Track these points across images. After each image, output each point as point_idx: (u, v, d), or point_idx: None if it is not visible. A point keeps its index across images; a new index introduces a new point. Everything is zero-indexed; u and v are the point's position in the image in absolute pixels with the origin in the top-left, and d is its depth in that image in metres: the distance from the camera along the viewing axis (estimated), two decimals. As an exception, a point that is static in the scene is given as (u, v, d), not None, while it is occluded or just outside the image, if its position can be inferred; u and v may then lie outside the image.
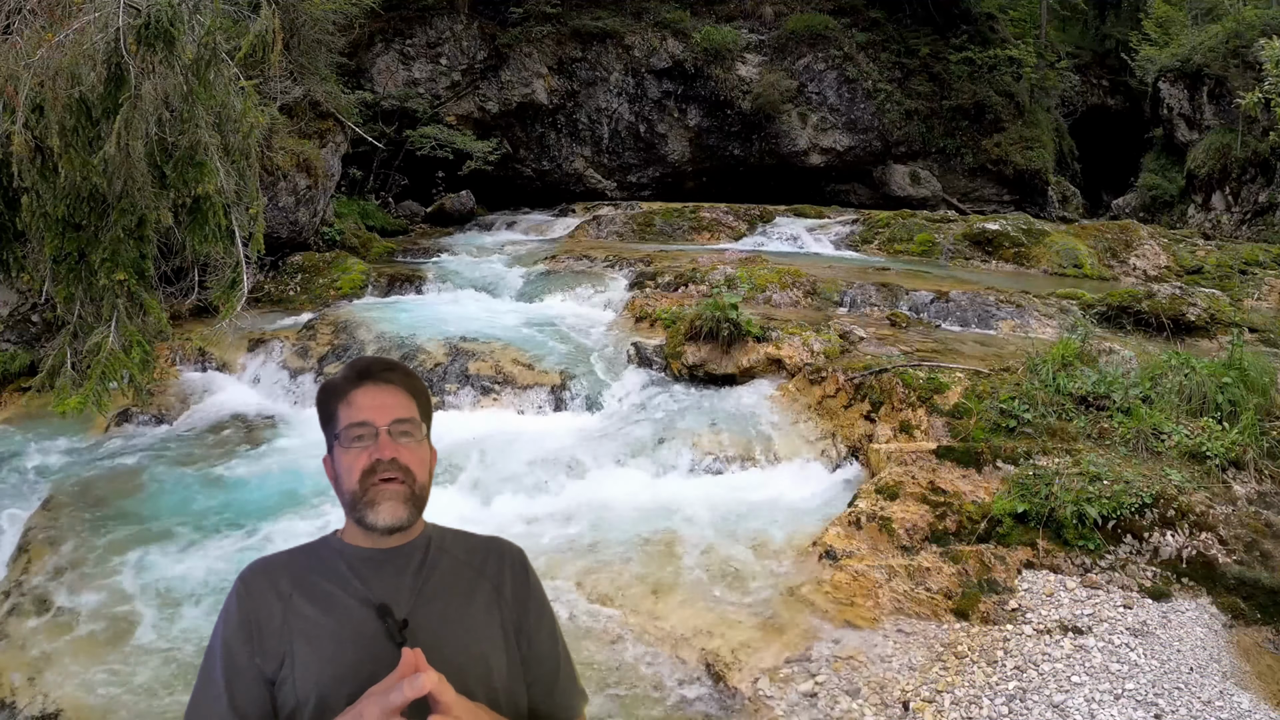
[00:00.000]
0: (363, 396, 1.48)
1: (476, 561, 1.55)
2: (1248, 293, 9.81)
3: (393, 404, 1.48)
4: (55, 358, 5.61)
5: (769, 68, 18.28)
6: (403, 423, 1.47)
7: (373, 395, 1.48)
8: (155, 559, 4.74)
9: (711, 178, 18.82)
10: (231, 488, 5.71)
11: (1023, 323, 8.07)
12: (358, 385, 1.49)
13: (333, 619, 1.39)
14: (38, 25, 5.17)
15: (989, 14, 20.11)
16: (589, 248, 11.97)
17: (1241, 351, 5.56)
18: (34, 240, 5.55)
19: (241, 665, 1.37)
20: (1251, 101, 11.90)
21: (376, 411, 1.46)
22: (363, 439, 1.45)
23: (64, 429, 6.45)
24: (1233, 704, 3.44)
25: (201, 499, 5.53)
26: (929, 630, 3.97)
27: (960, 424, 5.51)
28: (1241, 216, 16.07)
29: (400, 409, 1.48)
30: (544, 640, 1.55)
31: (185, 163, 5.27)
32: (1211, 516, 4.41)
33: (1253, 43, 14.12)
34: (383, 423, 1.45)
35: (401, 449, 1.45)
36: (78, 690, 3.70)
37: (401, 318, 8.54)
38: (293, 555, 1.51)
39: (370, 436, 1.45)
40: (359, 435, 1.45)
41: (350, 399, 1.48)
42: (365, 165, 14.83)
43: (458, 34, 17.19)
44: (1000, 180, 18.72)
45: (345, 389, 1.50)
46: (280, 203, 10.18)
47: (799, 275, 9.17)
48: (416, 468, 1.46)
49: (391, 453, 1.44)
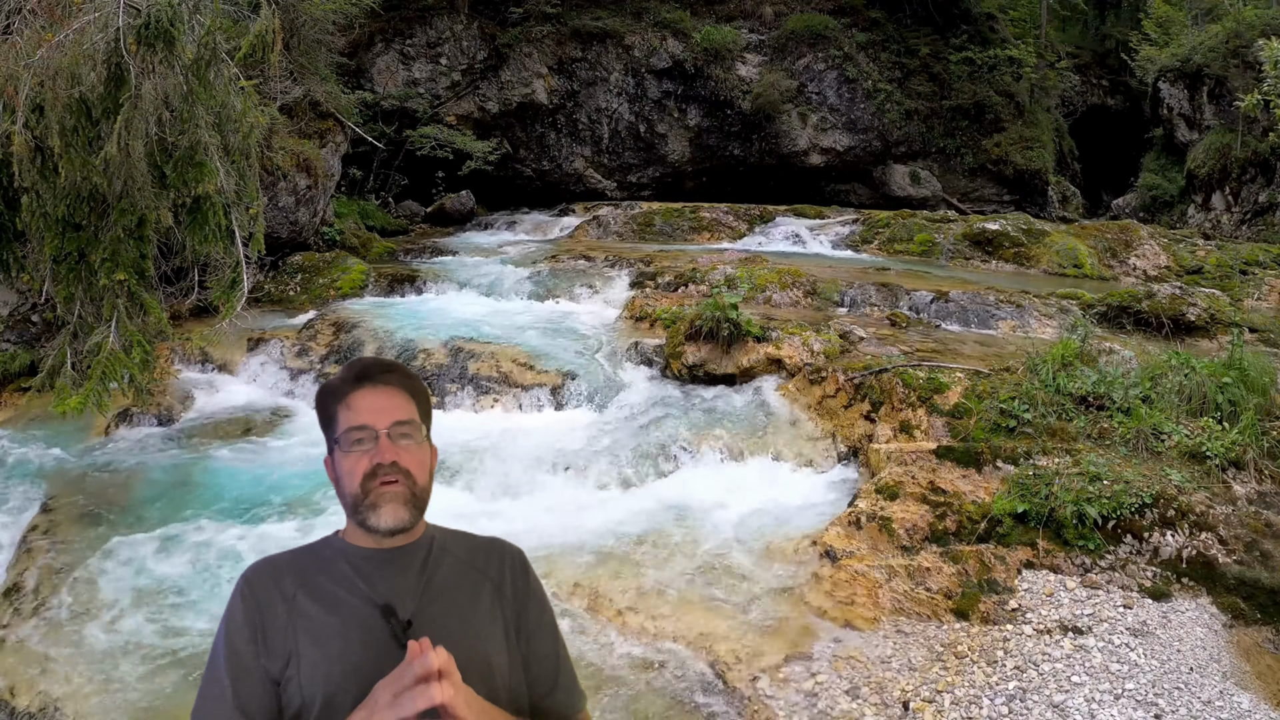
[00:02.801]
0: (361, 399, 1.48)
1: (478, 562, 1.56)
2: (1248, 293, 9.81)
3: (392, 406, 1.48)
4: (55, 358, 5.62)
5: (769, 68, 18.28)
6: (402, 425, 1.47)
7: (372, 398, 1.48)
8: (155, 559, 4.74)
9: (711, 178, 18.82)
10: (232, 487, 5.71)
11: (1023, 323, 8.07)
12: (356, 388, 1.50)
13: (337, 618, 1.40)
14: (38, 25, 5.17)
15: (989, 14, 20.10)
16: (589, 248, 11.97)
17: (1241, 351, 5.56)
18: (34, 240, 5.55)
19: (247, 665, 1.38)
20: (1251, 102, 11.89)
21: (376, 414, 1.47)
22: (363, 442, 1.45)
23: (64, 429, 6.44)
24: (1233, 704, 3.44)
25: (202, 498, 5.53)
26: (929, 630, 3.97)
27: (960, 424, 5.51)
28: (1241, 216, 16.07)
29: (399, 411, 1.48)
30: (544, 640, 1.57)
31: (185, 163, 5.27)
32: (1211, 516, 4.41)
33: (1253, 43, 14.11)
34: (382, 426, 1.46)
35: (402, 451, 1.45)
36: (78, 690, 3.70)
37: (401, 318, 8.54)
38: (296, 555, 1.52)
39: (370, 440, 1.45)
40: (359, 439, 1.46)
41: (349, 401, 1.49)
42: (365, 165, 14.83)
43: (458, 34, 17.19)
44: (1000, 180, 18.72)
45: (344, 391, 1.50)
46: (280, 203, 10.18)
47: (799, 275, 9.17)
48: (416, 469, 1.47)
49: (392, 456, 1.44)
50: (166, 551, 4.81)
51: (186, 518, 5.21)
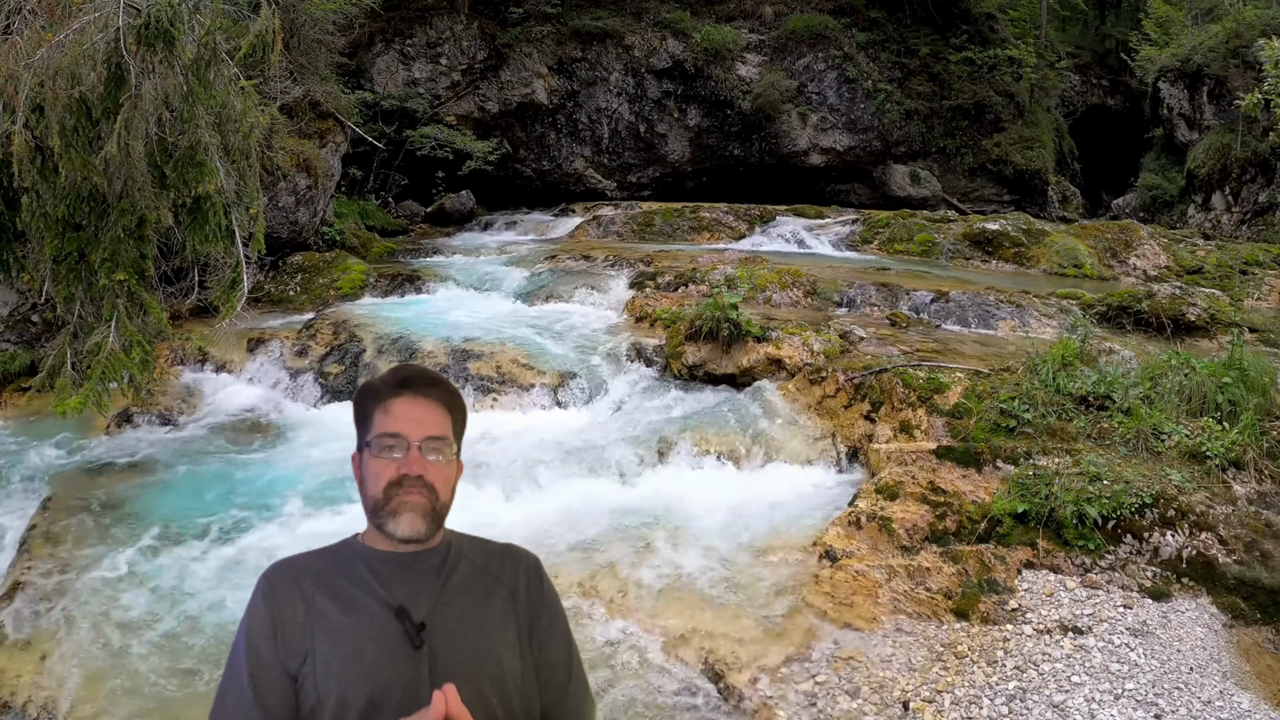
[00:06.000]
0: (400, 407, 1.50)
1: (493, 567, 1.58)
2: (1248, 293, 9.81)
3: (428, 419, 1.51)
4: (55, 358, 5.62)
5: (769, 68, 18.29)
6: (435, 440, 1.50)
7: (411, 408, 1.50)
8: (155, 558, 4.74)
9: (711, 178, 18.82)
10: (231, 487, 5.71)
11: (1023, 323, 8.07)
12: (398, 394, 1.52)
13: (353, 619, 1.43)
14: (38, 25, 5.17)
15: (989, 14, 20.11)
16: (589, 248, 11.97)
17: (1241, 351, 5.56)
18: (34, 240, 5.55)
19: (266, 661, 1.41)
20: (1251, 102, 11.89)
21: (412, 425, 1.49)
22: (393, 450, 1.48)
23: (64, 429, 6.44)
24: (1233, 704, 3.44)
25: (202, 498, 5.52)
26: (929, 630, 3.97)
27: (960, 424, 5.51)
28: (1241, 216, 16.07)
29: (435, 426, 1.51)
30: (556, 647, 1.60)
31: (185, 163, 5.28)
32: (1211, 516, 4.41)
33: (1253, 43, 14.11)
34: (416, 437, 1.48)
35: (430, 466, 1.48)
36: (78, 689, 3.70)
37: (402, 318, 8.54)
38: (315, 556, 1.55)
39: (402, 449, 1.48)
40: (390, 445, 1.48)
41: (388, 407, 1.51)
42: (365, 165, 14.83)
43: (458, 34, 17.19)
44: (1000, 180, 18.72)
45: (385, 395, 1.52)
46: (280, 203, 10.18)
47: (799, 275, 9.17)
48: (441, 485, 1.49)
49: (419, 469, 1.47)
50: (166, 551, 4.81)
51: (186, 517, 5.21)
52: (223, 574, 4.57)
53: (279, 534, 4.95)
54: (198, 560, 4.73)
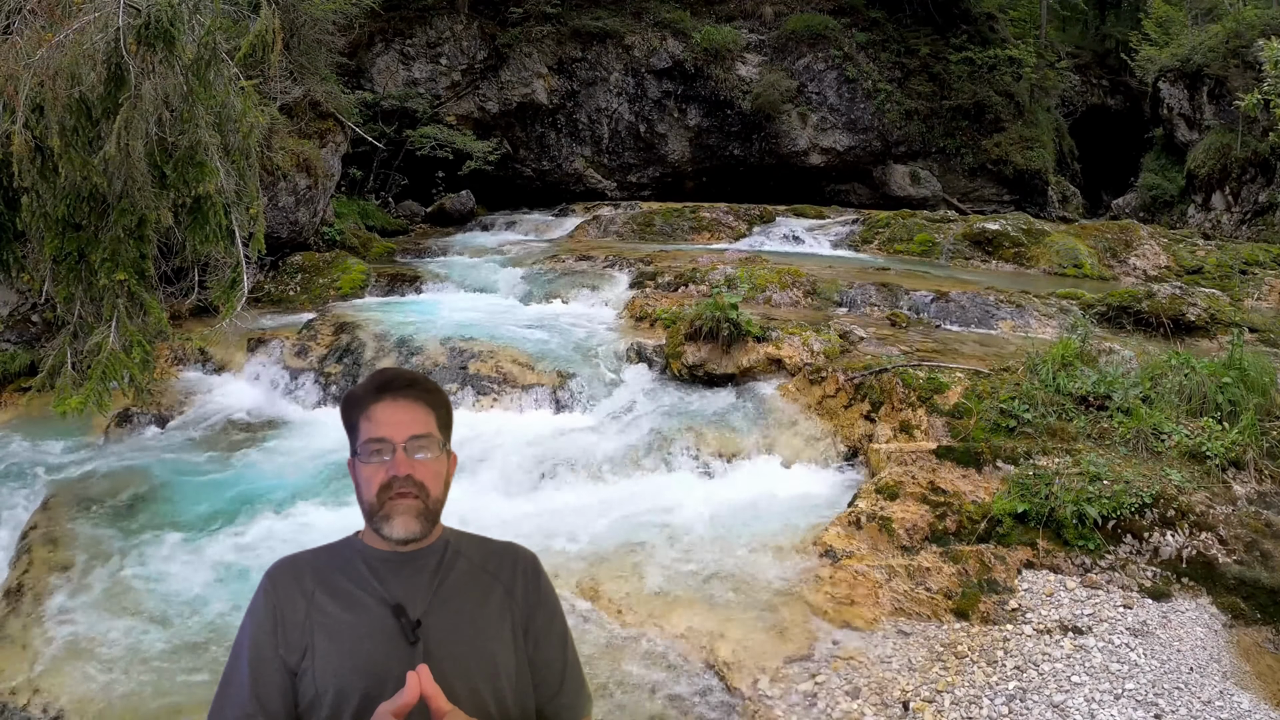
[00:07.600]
0: (381, 411, 1.54)
1: (491, 565, 1.61)
2: (1248, 293, 9.81)
3: (410, 420, 1.53)
4: (55, 358, 5.62)
5: (769, 68, 18.28)
6: (419, 439, 1.53)
7: (391, 410, 1.53)
8: (155, 558, 4.74)
9: (711, 178, 18.82)
10: (231, 487, 5.71)
11: (1023, 323, 8.07)
12: (378, 399, 1.55)
13: (352, 616, 1.47)
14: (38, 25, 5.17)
15: (989, 14, 20.11)
16: (589, 248, 11.97)
17: (1241, 351, 5.56)
18: (34, 240, 5.56)
19: (267, 656, 1.45)
20: (1251, 102, 11.88)
21: (394, 428, 1.52)
22: (380, 454, 1.51)
23: (64, 429, 6.44)
24: (1233, 704, 3.44)
25: (202, 498, 5.53)
26: (929, 630, 3.97)
27: (960, 424, 5.51)
28: (1241, 216, 16.07)
29: (418, 424, 1.54)
30: (552, 644, 1.62)
31: (185, 163, 5.28)
32: (1211, 516, 4.41)
33: (1253, 43, 14.10)
34: (400, 439, 1.51)
35: (417, 465, 1.51)
36: (78, 689, 3.70)
37: (401, 318, 8.54)
38: (316, 554, 1.59)
39: (388, 452, 1.51)
40: (377, 449, 1.52)
41: (370, 413, 1.54)
42: (365, 165, 14.83)
43: (458, 34, 17.19)
44: (1000, 180, 18.72)
45: (367, 402, 1.56)
46: (280, 203, 10.18)
47: (799, 275, 9.17)
48: (431, 482, 1.53)
49: (407, 470, 1.50)
50: (166, 551, 4.81)
51: (186, 517, 5.21)
52: (223, 573, 4.57)
53: (279, 533, 4.96)
54: (198, 559, 4.74)
